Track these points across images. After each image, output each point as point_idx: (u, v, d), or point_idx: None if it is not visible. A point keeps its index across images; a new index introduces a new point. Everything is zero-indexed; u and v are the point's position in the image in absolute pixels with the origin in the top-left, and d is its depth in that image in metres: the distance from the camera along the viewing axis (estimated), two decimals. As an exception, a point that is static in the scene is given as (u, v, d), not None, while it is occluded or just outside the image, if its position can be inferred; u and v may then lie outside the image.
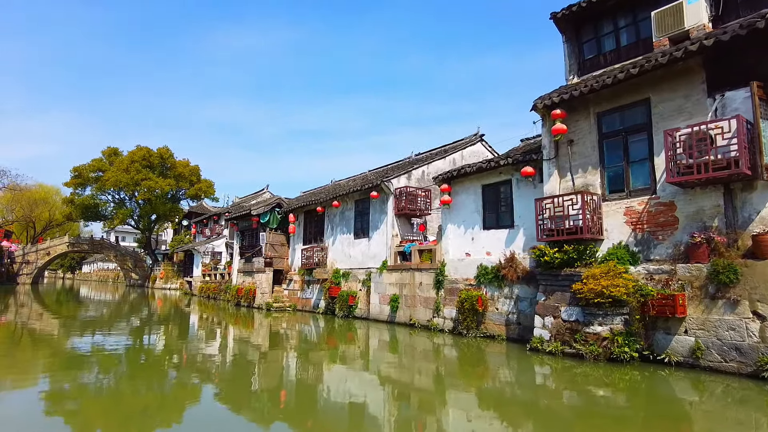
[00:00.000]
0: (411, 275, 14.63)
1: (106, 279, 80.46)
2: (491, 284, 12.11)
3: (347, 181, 24.28)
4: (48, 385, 7.69)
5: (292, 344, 13.01)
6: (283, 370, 9.55)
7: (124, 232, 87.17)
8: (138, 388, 7.64)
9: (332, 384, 8.15)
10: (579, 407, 6.82)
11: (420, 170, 17.18)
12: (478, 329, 12.11)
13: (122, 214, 50.84)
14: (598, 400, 7.09)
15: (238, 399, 7.21)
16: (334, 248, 19.47)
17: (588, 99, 10.15)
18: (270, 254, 22.26)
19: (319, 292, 19.69)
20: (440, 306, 13.43)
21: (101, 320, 19.20)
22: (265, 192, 41.05)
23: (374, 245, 16.98)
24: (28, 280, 49.84)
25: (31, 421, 5.76)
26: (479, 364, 10.11)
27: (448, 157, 17.99)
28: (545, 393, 7.62)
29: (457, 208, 13.41)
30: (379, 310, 15.94)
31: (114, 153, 51.41)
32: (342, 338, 14.05)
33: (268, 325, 17.04)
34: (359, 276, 17.43)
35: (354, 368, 9.55)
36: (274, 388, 8.04)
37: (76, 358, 10.23)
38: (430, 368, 9.84)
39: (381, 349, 12.22)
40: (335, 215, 19.65)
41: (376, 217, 17.07)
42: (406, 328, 14.36)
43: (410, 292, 14.60)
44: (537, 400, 7.27)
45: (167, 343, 13.06)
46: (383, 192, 16.50)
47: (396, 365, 10.15)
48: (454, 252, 13.40)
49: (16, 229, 61.19)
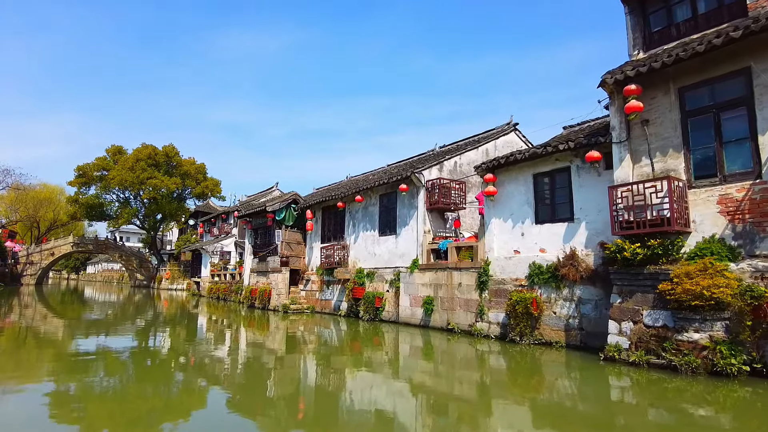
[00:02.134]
0: (448, 275, 13.31)
1: (110, 280, 79.36)
2: (547, 285, 10.78)
3: (368, 175, 22.96)
4: (52, 388, 7.35)
5: (311, 349, 11.91)
6: (301, 377, 8.72)
7: (129, 232, 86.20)
8: (146, 393, 7.24)
9: (356, 392, 7.40)
10: (672, 428, 5.59)
11: (452, 161, 15.86)
12: (532, 335, 10.78)
13: (127, 213, 49.70)
14: (697, 420, 5.85)
15: (251, 406, 6.67)
16: (356, 246, 18.16)
17: (667, 73, 8.82)
18: (286, 253, 20.96)
19: (340, 293, 18.39)
20: (484, 309, 12.10)
21: (107, 322, 18.27)
22: (275, 189, 39.84)
23: (402, 243, 15.66)
24: (32, 280, 48.75)
25: (35, 423, 5.57)
26: (537, 374, 8.83)
27: (480, 147, 16.67)
28: (626, 410, 6.41)
29: (504, 200, 12.08)
30: (410, 313, 14.62)
31: (118, 151, 50.27)
32: (368, 343, 12.87)
33: (286, 328, 15.80)
34: (386, 276, 16.12)
35: (382, 375, 8.62)
36: (292, 394, 7.34)
37: (80, 360, 9.77)
38: (473, 377, 8.67)
39: (413, 356, 11.05)
40: (357, 211, 18.35)
41: (405, 212, 15.75)
42: (443, 333, 13.05)
43: (447, 294, 13.28)
44: (615, 417, 6.08)
45: (177, 347, 12.20)
46: (413, 185, 15.18)
47: (431, 373, 9.06)
48: (499, 249, 12.07)
49: (21, 229, 60.24)
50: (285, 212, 21.43)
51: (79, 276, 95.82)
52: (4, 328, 14.98)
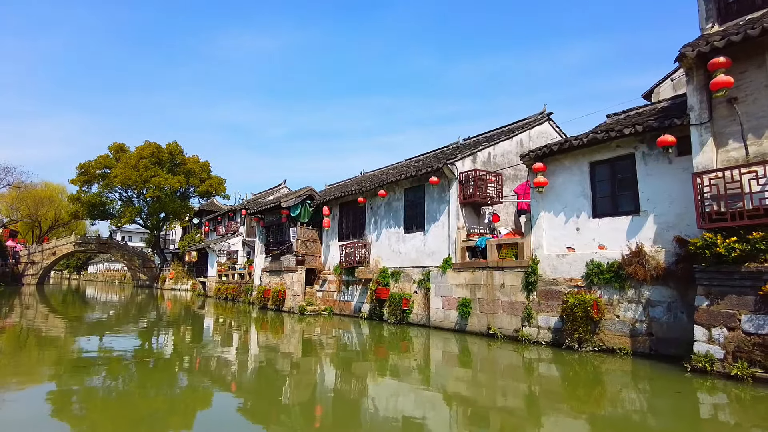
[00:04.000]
0: (488, 275, 12.17)
1: (112, 280, 78.27)
2: (609, 285, 9.64)
3: (387, 169, 21.78)
4: (52, 391, 7.08)
5: (332, 353, 10.98)
6: (320, 383, 8.06)
7: (131, 232, 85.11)
8: (151, 397, 6.82)
9: (380, 400, 6.81)
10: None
11: (485, 152, 14.70)
12: (591, 342, 9.64)
13: (130, 212, 48.57)
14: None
15: (264, 412, 6.27)
16: (378, 244, 17.01)
17: (762, 42, 7.69)
18: (301, 251, 19.81)
19: (361, 294, 17.24)
20: (532, 312, 10.95)
21: (111, 323, 17.26)
22: (282, 187, 38.71)
23: (432, 240, 14.51)
24: (34, 280, 47.67)
25: (36, 425, 5.48)
26: (600, 385, 7.77)
27: (515, 138, 15.51)
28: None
29: (555, 192, 10.94)
30: (442, 316, 13.47)
31: (121, 149, 49.14)
32: (394, 348, 11.82)
33: (303, 330, 14.68)
34: (413, 276, 14.97)
35: (410, 383, 7.87)
36: (309, 401, 6.83)
37: (82, 363, 9.35)
38: (520, 388, 7.66)
39: (447, 363, 10.02)
40: (379, 207, 17.20)
41: (434, 207, 14.60)
42: (483, 339, 11.91)
43: (487, 295, 12.14)
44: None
45: (188, 350, 11.47)
46: (444, 177, 14.03)
47: (469, 382, 8.20)
48: (550, 246, 10.93)
49: (22, 228, 59.17)
50: (300, 208, 20.27)
51: (81, 276, 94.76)
52: (5, 328, 14.55)
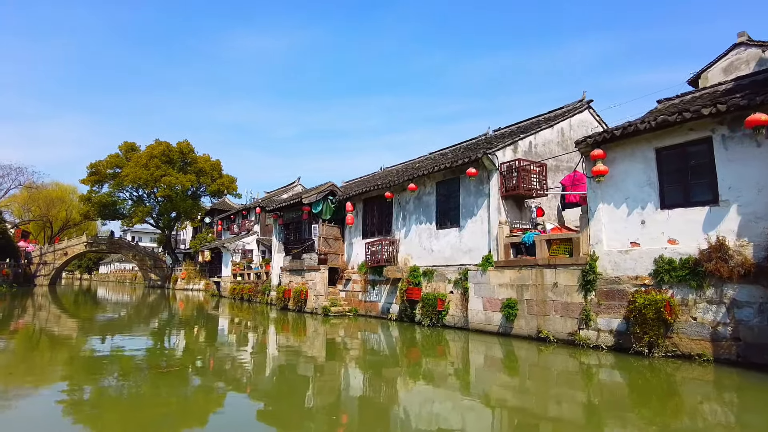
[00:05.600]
0: (537, 273, 11.20)
1: (123, 280, 78.01)
2: (683, 284, 8.64)
3: (412, 163, 20.80)
4: (65, 392, 6.88)
5: (363, 357, 10.31)
6: (347, 388, 7.59)
7: (141, 232, 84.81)
8: (166, 398, 6.56)
9: (414, 407, 6.32)
10: None
11: (526, 141, 13.71)
12: (663, 346, 8.66)
13: (141, 211, 47.96)
14: None
15: (288, 419, 5.82)
16: (407, 241, 16.08)
17: None
18: (324, 249, 18.92)
19: (389, 294, 16.32)
20: (591, 314, 9.97)
21: (124, 324, 16.73)
22: (296, 185, 37.95)
23: (468, 236, 13.56)
24: (46, 281, 47.25)
25: (49, 425, 5.38)
26: (676, 395, 6.87)
27: (555, 126, 14.51)
28: None
29: (614, 181, 9.94)
30: (483, 318, 12.52)
31: (131, 148, 48.58)
32: (428, 351, 11.03)
33: (329, 333, 13.86)
34: (448, 275, 14.02)
35: (447, 390, 7.34)
36: (339, 408, 6.37)
37: (95, 364, 9.20)
38: (578, 396, 6.87)
39: (490, 368, 9.22)
40: (408, 202, 16.26)
41: (471, 200, 13.64)
42: (532, 343, 10.96)
43: (536, 296, 11.17)
44: None
45: (209, 352, 11.05)
46: (483, 168, 13.06)
47: (516, 389, 7.49)
48: (610, 241, 9.94)
49: (33, 229, 58.92)
50: (322, 205, 19.38)
51: (92, 276, 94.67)
52: (19, 329, 14.44)
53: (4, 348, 10.95)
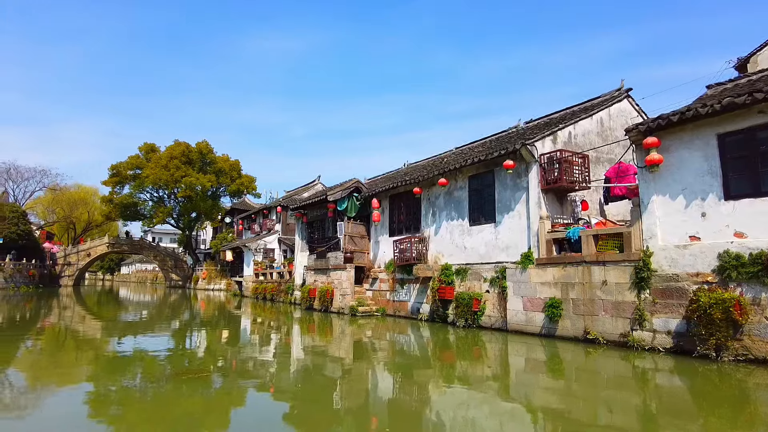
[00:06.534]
0: (584, 271, 10.53)
1: (144, 280, 78.77)
2: (754, 281, 7.91)
3: (440, 157, 20.15)
4: (91, 389, 7.00)
5: (393, 359, 9.77)
6: (378, 390, 7.25)
7: (161, 233, 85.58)
8: (194, 400, 6.35)
9: (448, 411, 5.94)
10: None
11: (566, 131, 13.01)
12: (732, 349, 7.95)
13: (162, 212, 48.17)
14: None
15: (314, 421, 5.62)
16: (437, 238, 15.50)
17: None
18: (350, 248, 18.44)
19: (419, 293, 15.76)
20: (644, 314, 9.28)
21: (147, 324, 16.57)
22: (317, 183, 37.62)
23: (505, 232, 12.92)
24: (70, 282, 47.79)
25: (75, 423, 5.31)
26: (751, 403, 6.17)
27: (594, 116, 13.77)
28: None
29: (670, 171, 9.22)
30: (524, 319, 11.89)
31: (151, 149, 48.80)
32: (464, 354, 10.44)
33: (358, 333, 13.38)
34: (483, 273, 13.40)
35: (485, 393, 6.84)
36: (365, 410, 6.12)
37: (119, 363, 9.18)
38: (633, 402, 6.34)
39: (532, 371, 8.60)
40: (438, 197, 15.67)
41: (507, 195, 13.00)
42: (579, 345, 10.30)
43: (583, 295, 10.50)
44: None
45: (231, 352, 10.79)
46: (521, 160, 12.42)
47: (561, 393, 6.85)
48: (666, 235, 9.23)
49: (57, 230, 59.76)
50: (347, 202, 18.89)
51: (114, 277, 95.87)
52: (46, 329, 14.52)
53: (32, 347, 11.20)
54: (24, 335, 13.18)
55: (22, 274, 39.28)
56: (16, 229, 39.39)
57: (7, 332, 13.68)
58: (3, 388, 7.07)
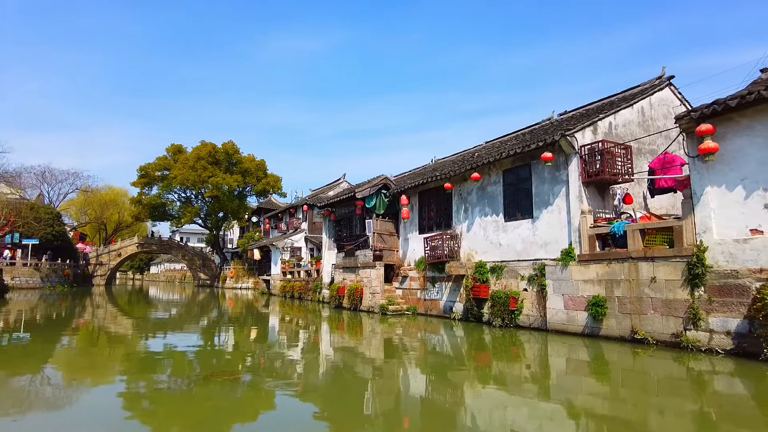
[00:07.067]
0: (630, 267, 9.99)
1: (173, 279, 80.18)
2: (826, 278, 7.32)
3: (471, 152, 19.71)
4: (125, 386, 7.04)
5: (428, 359, 9.49)
6: (410, 390, 7.03)
7: (189, 232, 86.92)
8: (223, 399, 6.21)
9: (483, 412, 5.76)
10: None
11: (606, 122, 12.43)
12: (801, 352, 7.37)
13: (190, 212, 48.80)
14: None
15: (345, 422, 5.48)
16: (470, 235, 15.07)
17: None
18: (379, 245, 18.15)
19: (451, 292, 15.37)
20: (699, 313, 8.72)
21: (179, 322, 16.67)
22: (342, 181, 37.53)
23: (544, 228, 12.43)
24: (102, 281, 48.86)
25: (109, 418, 5.39)
26: None
27: (635, 105, 13.14)
28: None
29: (726, 160, 8.63)
30: (565, 318, 11.40)
31: (178, 150, 49.47)
32: (501, 354, 10.07)
33: (389, 332, 13.07)
34: (520, 271, 12.93)
35: (524, 395, 6.51)
36: (396, 410, 5.96)
37: (151, 362, 9.25)
38: (687, 406, 5.97)
39: (574, 372, 8.18)
40: (470, 192, 15.25)
41: (545, 188, 12.50)
42: (626, 345, 9.78)
43: (630, 292, 9.97)
44: None
45: (260, 351, 10.69)
46: (560, 152, 11.91)
47: (607, 396, 6.51)
48: (722, 229, 8.64)
49: (89, 231, 61.22)
50: (375, 199, 18.61)
51: (143, 276, 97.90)
52: (80, 327, 14.81)
53: (68, 344, 11.41)
54: (61, 333, 13.32)
55: (57, 274, 40.25)
56: (51, 230, 40.36)
57: (45, 331, 13.86)
58: (43, 384, 7.22)
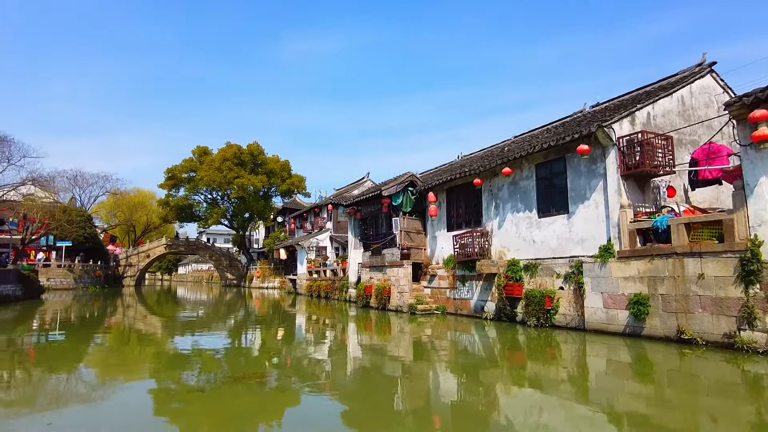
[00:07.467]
0: (675, 264, 9.48)
1: (200, 280, 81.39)
2: None
3: (499, 146, 19.25)
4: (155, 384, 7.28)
5: (456, 358, 9.27)
6: (441, 391, 6.84)
7: (216, 233, 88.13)
8: (251, 398, 6.17)
9: (517, 413, 5.55)
10: None
11: (644, 112, 11.87)
12: None
13: (216, 213, 49.44)
14: None
15: (374, 422, 5.36)
16: (501, 232, 14.66)
17: None
18: (406, 244, 17.87)
19: (482, 290, 14.98)
20: (755, 312, 8.19)
21: (208, 322, 16.67)
22: (366, 180, 37.37)
23: (580, 223, 11.97)
24: (132, 282, 49.88)
25: (140, 414, 5.51)
26: None
27: (675, 94, 12.54)
28: None
29: (784, 148, 8.08)
30: (604, 317, 10.93)
31: (204, 152, 50.16)
32: (536, 355, 9.71)
33: (419, 333, 12.80)
34: (556, 269, 12.48)
35: (561, 397, 6.15)
36: (427, 411, 5.79)
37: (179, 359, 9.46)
38: (743, 411, 5.52)
39: (615, 374, 7.79)
40: (500, 188, 14.83)
41: (581, 182, 12.03)
42: (671, 346, 9.29)
43: (675, 290, 9.46)
44: None
45: (289, 350, 10.59)
46: (597, 144, 11.43)
47: (651, 400, 6.09)
48: (779, 221, 8.11)
49: (119, 233, 62.56)
50: (402, 196, 18.33)
51: (172, 277, 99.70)
52: (112, 327, 15.02)
53: (101, 343, 11.62)
54: (94, 333, 13.50)
55: (89, 275, 41.21)
56: (83, 232, 41.31)
57: (79, 330, 14.07)
58: (78, 382, 7.39)
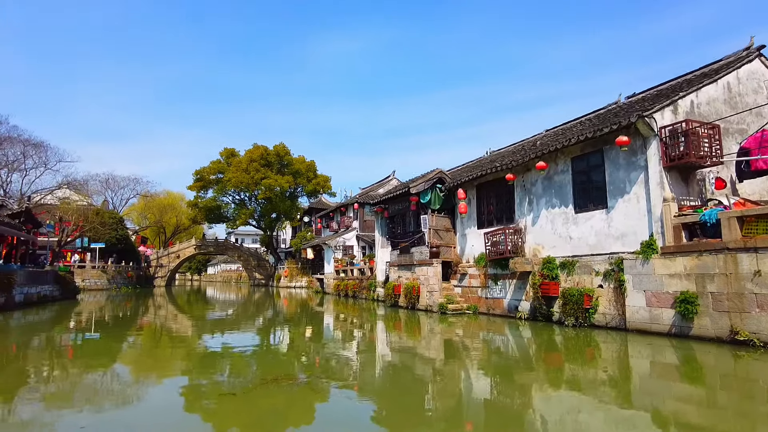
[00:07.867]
0: (726, 259, 8.92)
1: (229, 279, 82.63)
2: None
3: (531, 140, 18.74)
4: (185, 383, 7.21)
5: (491, 360, 8.95)
6: (473, 394, 6.52)
7: (243, 234, 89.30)
8: (280, 398, 6.16)
9: (553, 416, 5.24)
10: None
11: (687, 100, 11.28)
12: None
13: (244, 214, 50.03)
14: None
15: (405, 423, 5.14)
16: (536, 229, 14.20)
17: None
18: (435, 242, 17.54)
19: (516, 289, 14.54)
20: (818, 310, 7.62)
21: (237, 321, 16.81)
22: (392, 179, 37.17)
23: (620, 218, 11.45)
24: (163, 282, 50.88)
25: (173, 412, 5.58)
26: None
27: (720, 81, 11.88)
28: None
29: None
30: (647, 316, 10.40)
31: (231, 154, 50.78)
32: (575, 356, 9.31)
33: (448, 332, 12.52)
34: (594, 266, 11.98)
35: (601, 400, 5.88)
36: (458, 415, 5.50)
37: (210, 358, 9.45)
38: None
39: (660, 376, 7.37)
40: (534, 183, 14.37)
41: (620, 175, 11.51)
42: (723, 347, 8.75)
43: (727, 288, 8.90)
44: None
45: (315, 350, 10.46)
46: (637, 135, 10.90)
47: (702, 404, 5.80)
48: None
49: (150, 234, 63.95)
50: (431, 194, 18.00)
51: (201, 277, 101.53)
52: (144, 326, 15.24)
53: (133, 343, 11.72)
54: (127, 333, 13.63)
55: (122, 276, 42.16)
56: (116, 234, 42.24)
57: (113, 330, 14.25)
58: (112, 380, 7.49)
